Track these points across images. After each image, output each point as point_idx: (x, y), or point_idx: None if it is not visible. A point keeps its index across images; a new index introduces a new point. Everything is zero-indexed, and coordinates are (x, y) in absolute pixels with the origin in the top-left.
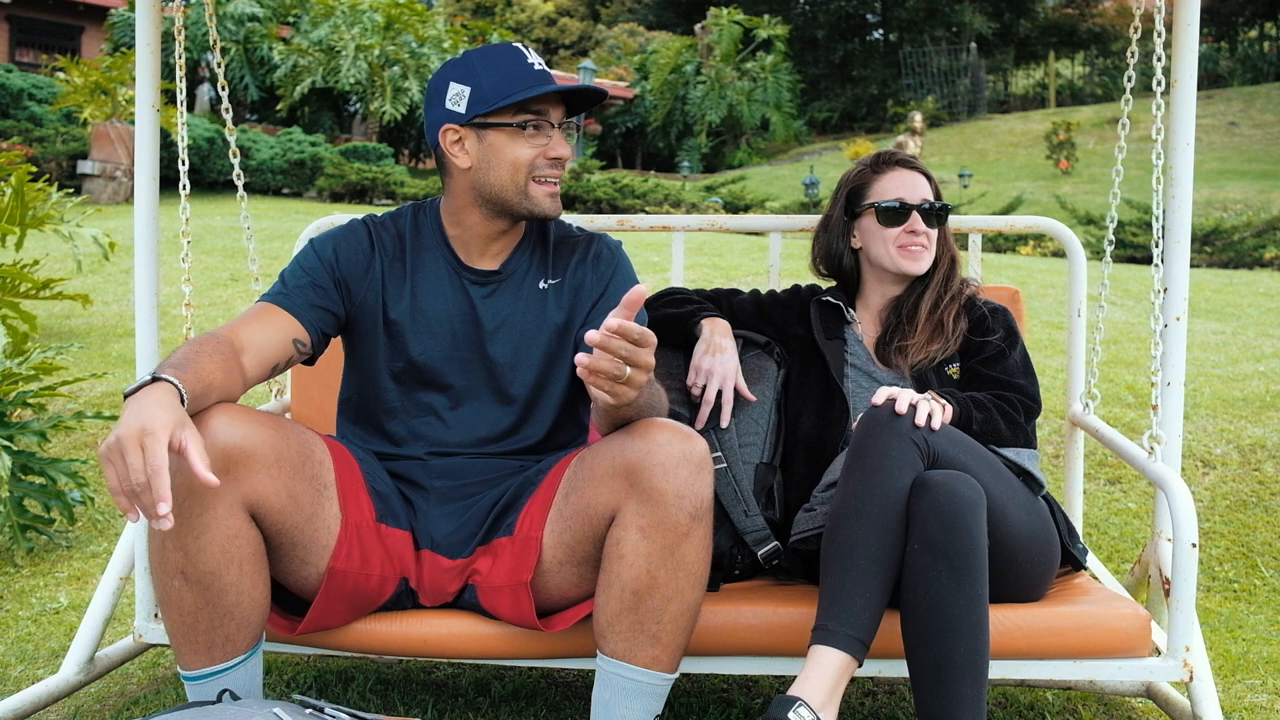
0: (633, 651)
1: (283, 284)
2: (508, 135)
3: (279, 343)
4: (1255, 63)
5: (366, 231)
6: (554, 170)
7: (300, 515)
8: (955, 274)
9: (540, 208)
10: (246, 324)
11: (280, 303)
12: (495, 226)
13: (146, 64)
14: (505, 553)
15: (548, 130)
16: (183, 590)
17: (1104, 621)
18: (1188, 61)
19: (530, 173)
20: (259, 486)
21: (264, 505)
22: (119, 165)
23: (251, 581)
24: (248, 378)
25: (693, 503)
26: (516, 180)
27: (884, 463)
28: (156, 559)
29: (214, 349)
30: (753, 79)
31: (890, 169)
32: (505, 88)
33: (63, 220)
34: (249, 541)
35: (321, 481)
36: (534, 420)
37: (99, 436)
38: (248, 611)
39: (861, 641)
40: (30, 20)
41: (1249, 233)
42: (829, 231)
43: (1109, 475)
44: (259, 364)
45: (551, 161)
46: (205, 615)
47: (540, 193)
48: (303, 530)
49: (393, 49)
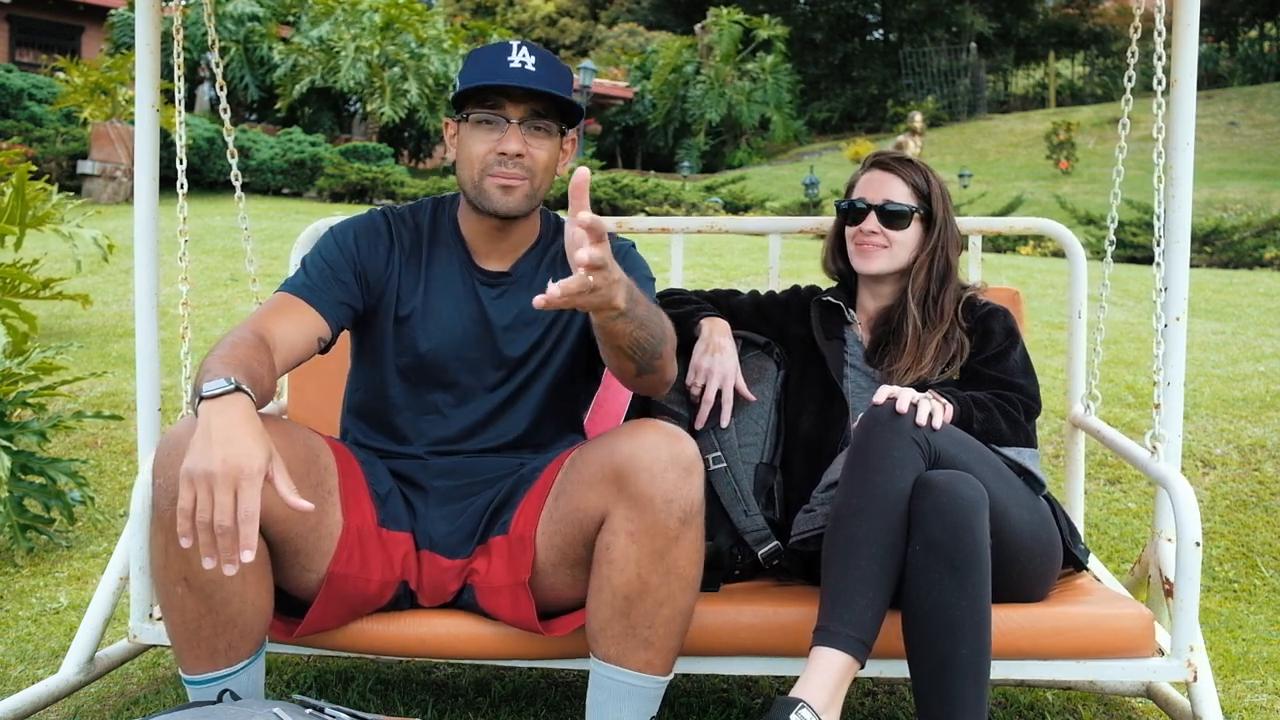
0: (625, 655)
1: (305, 275)
2: (468, 129)
3: (305, 341)
4: (1255, 63)
5: (385, 223)
6: (505, 167)
7: (304, 524)
8: (945, 290)
9: (490, 202)
10: (276, 321)
11: (306, 296)
12: (489, 224)
13: (146, 64)
14: (501, 552)
15: (502, 125)
16: (185, 597)
17: (1107, 622)
18: (1188, 61)
19: (482, 167)
20: (265, 495)
21: (270, 514)
22: (119, 165)
23: (255, 590)
24: (277, 379)
25: (682, 506)
26: (472, 175)
27: (885, 462)
28: (159, 565)
29: (260, 352)
30: (752, 79)
31: (867, 170)
32: (469, 81)
33: (63, 220)
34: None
35: (326, 487)
36: (521, 414)
37: (99, 436)
38: (251, 619)
39: (863, 642)
40: (30, 20)
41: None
42: (831, 231)
43: (1109, 475)
44: (285, 362)
45: (501, 157)
46: (208, 622)
47: (491, 186)
48: (306, 538)
49: (392, 49)
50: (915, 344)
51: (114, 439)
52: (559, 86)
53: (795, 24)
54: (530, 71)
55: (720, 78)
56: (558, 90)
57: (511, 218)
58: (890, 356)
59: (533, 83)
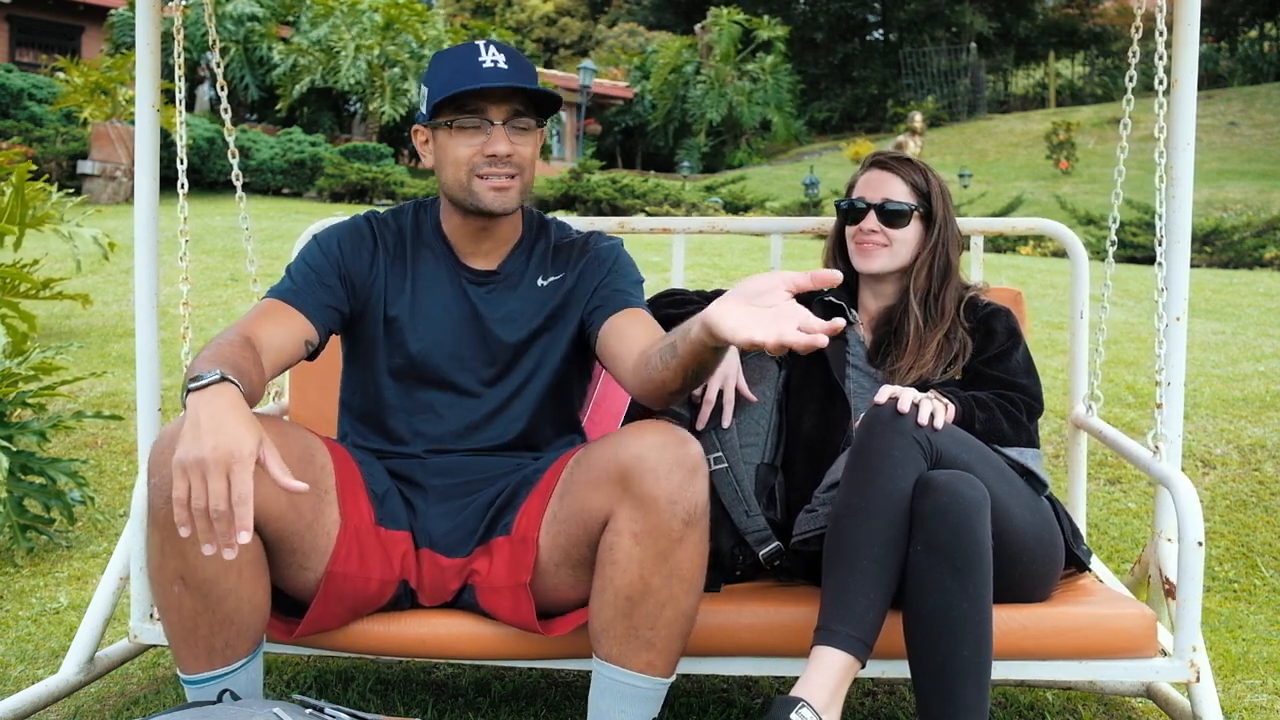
0: (627, 656)
1: (291, 280)
2: (449, 134)
3: (292, 344)
4: (1255, 63)
5: (369, 228)
6: (495, 168)
7: (301, 522)
8: (946, 288)
9: (483, 203)
10: (262, 324)
11: (291, 301)
12: (474, 224)
13: (146, 64)
14: (502, 552)
15: (486, 128)
16: (182, 595)
17: (1110, 622)
18: (1188, 61)
19: (470, 170)
20: (260, 493)
21: (265, 512)
22: (119, 165)
23: (251, 588)
24: (265, 380)
25: (686, 508)
26: (460, 178)
27: (887, 462)
28: (155, 563)
29: (247, 350)
30: (753, 79)
31: (867, 170)
32: (445, 87)
33: (63, 220)
34: (249, 548)
35: (322, 486)
36: (516, 414)
37: (99, 436)
38: (248, 617)
39: (864, 642)
40: (30, 20)
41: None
42: (831, 231)
43: (1109, 475)
44: (273, 365)
45: (490, 159)
46: (205, 620)
47: (483, 188)
48: (303, 536)
49: (392, 49)
50: (917, 342)
51: (114, 439)
52: (532, 81)
53: (795, 24)
54: (504, 69)
55: (720, 78)
56: (532, 85)
57: (505, 214)
58: (892, 355)
59: (511, 80)
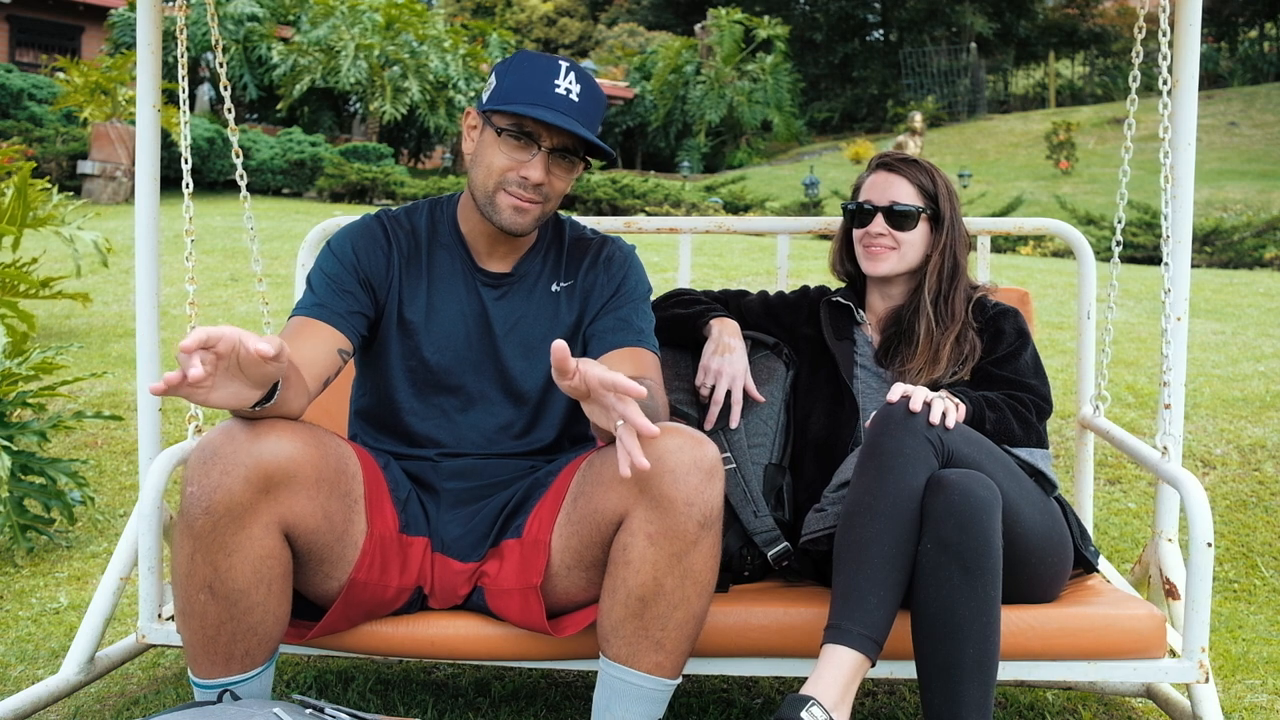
0: (636, 656)
1: (313, 293)
2: (495, 138)
3: (326, 356)
4: (1255, 63)
5: (382, 228)
6: (524, 190)
7: (331, 534)
8: (955, 288)
9: (500, 218)
10: (295, 345)
11: (316, 315)
12: (490, 226)
13: (147, 64)
14: (513, 555)
15: (533, 149)
16: (208, 604)
17: (1118, 623)
18: (1189, 61)
19: (500, 182)
20: (297, 508)
21: (300, 526)
22: (119, 165)
23: (278, 600)
24: (309, 396)
25: (702, 510)
26: (487, 184)
27: (898, 461)
28: (184, 570)
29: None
30: (753, 79)
31: (873, 172)
32: (514, 94)
33: (63, 222)
34: (280, 562)
35: (353, 496)
36: (544, 422)
37: (99, 436)
38: (270, 628)
39: (875, 641)
40: (30, 20)
41: (1249, 233)
42: (838, 233)
43: (1109, 475)
44: (314, 379)
45: (522, 180)
46: (227, 630)
47: (505, 203)
48: (331, 548)
49: (393, 49)
50: (929, 344)
51: (114, 439)
52: (596, 122)
53: (795, 24)
54: (574, 102)
55: (720, 78)
56: (593, 134)
57: (517, 235)
58: (902, 356)
59: (573, 123)
